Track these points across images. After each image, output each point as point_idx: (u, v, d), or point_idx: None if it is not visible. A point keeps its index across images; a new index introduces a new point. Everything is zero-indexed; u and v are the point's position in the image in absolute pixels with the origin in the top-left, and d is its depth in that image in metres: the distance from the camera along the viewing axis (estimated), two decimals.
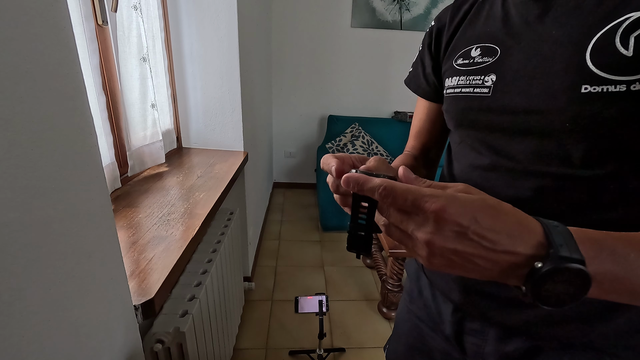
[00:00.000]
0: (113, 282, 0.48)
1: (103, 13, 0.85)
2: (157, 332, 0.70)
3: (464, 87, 0.47)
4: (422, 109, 0.63)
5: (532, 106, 0.39)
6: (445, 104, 0.52)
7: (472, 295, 0.48)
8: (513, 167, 0.42)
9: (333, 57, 2.87)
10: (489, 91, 0.43)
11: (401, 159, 0.60)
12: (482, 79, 0.44)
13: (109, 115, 0.91)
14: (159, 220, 0.81)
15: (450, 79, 0.50)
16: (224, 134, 1.46)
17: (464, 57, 0.48)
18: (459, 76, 0.48)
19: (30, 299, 0.34)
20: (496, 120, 0.43)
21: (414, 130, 0.65)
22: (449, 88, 0.50)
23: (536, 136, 0.39)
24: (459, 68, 0.48)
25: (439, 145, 0.64)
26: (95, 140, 0.42)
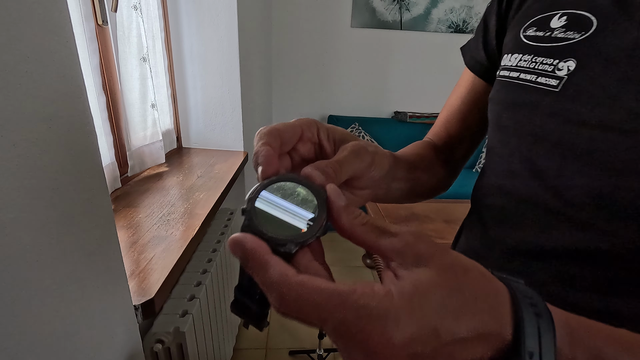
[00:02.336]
0: (113, 282, 0.48)
1: (103, 13, 0.85)
2: (157, 332, 0.70)
3: (524, 72, 0.33)
4: (462, 87, 0.47)
5: (622, 123, 0.26)
6: (493, 89, 0.38)
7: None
8: (559, 208, 0.30)
9: (333, 57, 2.87)
10: (559, 85, 0.30)
11: (414, 148, 0.46)
12: (555, 65, 0.30)
13: (109, 115, 0.91)
14: (159, 220, 0.81)
15: (510, 55, 0.36)
16: (224, 134, 1.46)
17: (539, 27, 0.34)
18: (523, 54, 0.34)
19: (30, 299, 0.34)
20: (556, 131, 0.30)
21: (443, 114, 0.50)
22: (504, 68, 0.36)
23: (612, 173, 0.26)
24: (525, 42, 0.34)
25: (470, 142, 0.48)
26: (95, 140, 0.42)
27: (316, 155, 0.28)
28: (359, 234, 0.20)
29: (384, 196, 0.35)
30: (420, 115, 2.83)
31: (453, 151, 0.49)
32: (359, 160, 0.27)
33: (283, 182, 0.22)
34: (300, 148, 0.27)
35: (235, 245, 0.19)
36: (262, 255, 0.18)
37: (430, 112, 2.92)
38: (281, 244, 0.19)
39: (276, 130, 0.24)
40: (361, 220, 0.20)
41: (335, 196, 0.21)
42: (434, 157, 0.46)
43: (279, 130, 0.24)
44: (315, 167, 0.23)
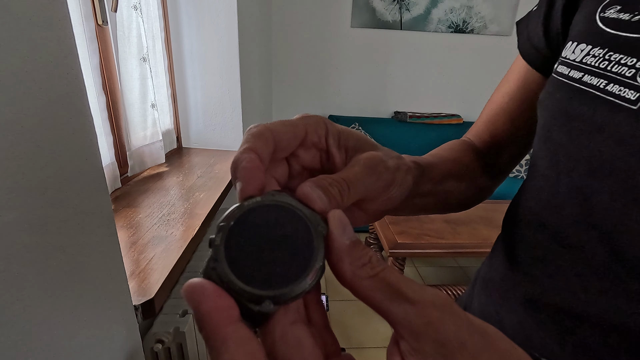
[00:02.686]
0: (113, 282, 0.48)
1: (103, 13, 0.85)
2: (157, 332, 0.70)
3: (590, 72, 0.24)
4: (511, 82, 0.39)
5: None
6: (545, 89, 0.29)
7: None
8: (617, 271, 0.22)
9: (333, 57, 2.87)
10: (639, 100, 0.21)
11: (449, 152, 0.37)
12: (638, 69, 0.21)
13: (109, 115, 0.91)
14: (159, 220, 0.81)
15: (575, 45, 0.26)
16: (224, 134, 1.46)
17: (625, 6, 0.24)
18: (593, 46, 0.24)
19: (29, 299, 0.34)
20: (624, 164, 0.22)
21: (487, 112, 0.41)
22: (564, 63, 0.27)
23: None
24: (601, 27, 0.24)
25: (519, 146, 0.40)
26: (95, 140, 0.42)
27: (322, 164, 0.22)
28: (364, 289, 0.14)
29: (403, 212, 0.30)
30: (420, 115, 2.83)
31: (498, 155, 0.40)
32: (375, 177, 0.20)
33: (269, 204, 0.16)
34: (302, 154, 0.21)
35: (189, 297, 0.13)
36: (219, 325, 0.13)
37: (430, 112, 2.92)
38: (255, 301, 0.14)
39: (269, 131, 0.18)
40: (369, 271, 0.15)
41: (339, 230, 0.16)
42: (473, 162, 0.38)
43: (273, 131, 0.18)
44: (315, 184, 0.17)
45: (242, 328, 0.13)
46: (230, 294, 0.14)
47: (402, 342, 0.14)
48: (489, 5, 2.72)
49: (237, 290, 0.14)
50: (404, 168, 0.24)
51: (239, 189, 0.16)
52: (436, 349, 0.13)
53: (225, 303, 0.13)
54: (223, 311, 0.13)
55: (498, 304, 0.33)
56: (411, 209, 0.30)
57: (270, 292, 0.14)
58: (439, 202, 0.33)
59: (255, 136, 0.18)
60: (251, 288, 0.14)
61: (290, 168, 0.21)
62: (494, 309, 0.33)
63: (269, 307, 0.14)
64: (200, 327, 0.13)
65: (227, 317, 0.13)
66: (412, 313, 0.13)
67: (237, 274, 0.14)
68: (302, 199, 0.17)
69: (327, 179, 0.18)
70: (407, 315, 0.13)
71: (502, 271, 0.33)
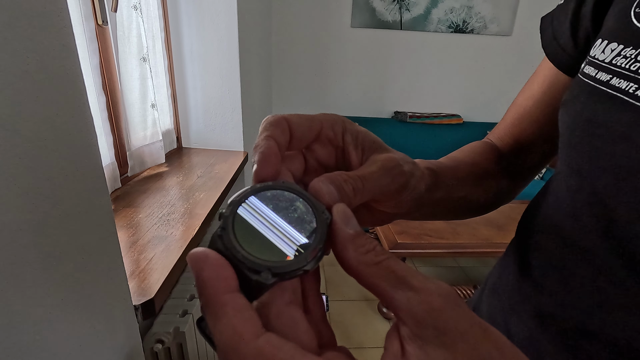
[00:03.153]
0: (113, 282, 0.48)
1: (103, 13, 0.85)
2: (157, 332, 0.70)
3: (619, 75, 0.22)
4: (536, 84, 0.37)
5: None
6: (570, 90, 0.27)
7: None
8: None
9: (333, 57, 2.87)
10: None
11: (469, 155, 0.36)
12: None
13: (109, 115, 0.91)
14: (159, 220, 0.81)
15: (605, 44, 0.24)
16: (224, 134, 1.46)
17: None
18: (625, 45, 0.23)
19: (29, 299, 0.34)
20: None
21: (511, 115, 0.39)
22: (592, 63, 0.25)
23: None
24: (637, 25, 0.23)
25: (544, 150, 0.38)
26: (95, 140, 0.42)
27: (337, 163, 0.22)
28: (368, 276, 0.15)
29: (413, 217, 0.29)
30: (420, 115, 2.83)
31: (521, 159, 0.39)
32: (390, 179, 0.21)
33: (281, 190, 0.17)
34: (318, 149, 0.21)
35: (192, 264, 0.14)
36: (218, 292, 0.13)
37: (430, 112, 2.92)
38: (254, 270, 0.15)
39: (285, 121, 0.19)
40: (374, 258, 0.15)
41: (343, 220, 0.16)
42: (493, 165, 0.36)
43: (289, 121, 0.19)
44: (329, 179, 0.18)
45: (241, 297, 0.14)
46: (232, 262, 0.15)
47: (402, 327, 0.14)
48: (489, 5, 2.72)
49: (239, 257, 0.15)
50: (418, 174, 0.24)
51: (254, 171, 0.17)
52: (437, 335, 0.13)
53: (226, 273, 0.14)
54: (223, 280, 0.14)
55: (507, 312, 0.32)
56: (422, 214, 0.30)
57: (269, 263, 0.15)
58: (452, 208, 0.33)
59: (273, 124, 0.18)
60: (252, 257, 0.15)
61: (306, 163, 0.22)
62: (503, 317, 0.33)
63: (267, 277, 0.14)
64: (200, 293, 0.14)
65: (227, 286, 0.14)
66: (415, 299, 0.14)
67: (240, 243, 0.15)
68: (313, 192, 0.18)
69: (343, 175, 0.19)
70: (409, 302, 0.14)
71: (514, 280, 0.32)
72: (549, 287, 0.27)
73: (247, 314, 0.13)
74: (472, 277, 2.10)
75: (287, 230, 0.16)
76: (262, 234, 0.16)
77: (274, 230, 0.16)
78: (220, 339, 0.13)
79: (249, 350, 0.12)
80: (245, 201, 0.16)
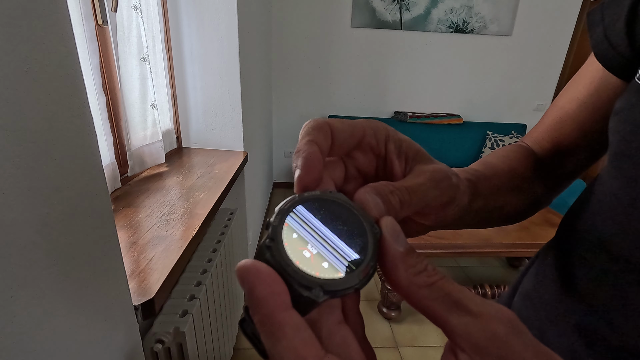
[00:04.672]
0: (113, 282, 0.48)
1: (103, 13, 0.85)
2: (157, 332, 0.70)
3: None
4: (582, 85, 0.34)
5: None
6: (624, 97, 0.26)
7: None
8: None
9: (333, 57, 2.87)
10: None
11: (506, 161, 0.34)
12: None
13: (109, 115, 0.91)
14: (159, 220, 0.81)
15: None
16: (224, 134, 1.46)
17: None
18: None
19: (29, 299, 0.34)
20: None
21: (551, 117, 0.37)
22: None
23: None
24: None
25: (586, 155, 0.36)
26: (95, 140, 0.42)
27: (377, 172, 0.21)
28: (421, 298, 0.14)
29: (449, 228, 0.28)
30: (420, 115, 2.83)
31: (560, 164, 0.37)
32: (439, 192, 0.19)
33: (327, 198, 0.16)
34: (359, 157, 0.20)
35: (243, 279, 0.13)
36: (275, 311, 0.13)
37: (430, 112, 2.92)
38: (306, 286, 0.14)
39: (327, 125, 0.18)
40: (426, 279, 0.14)
41: (393, 237, 0.15)
42: (530, 171, 0.35)
43: (331, 126, 0.18)
44: (374, 190, 0.17)
45: (297, 315, 0.13)
46: (282, 275, 0.14)
47: (461, 354, 0.13)
48: (489, 5, 2.72)
49: (289, 272, 0.14)
50: (463, 187, 0.23)
51: (297, 177, 0.16)
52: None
53: (280, 288, 0.13)
54: (278, 296, 0.13)
55: (545, 323, 0.31)
56: (458, 225, 0.28)
57: (321, 280, 0.14)
58: (487, 218, 0.32)
59: (315, 129, 0.17)
60: (303, 272, 0.14)
61: (345, 170, 0.21)
62: (539, 327, 0.31)
63: (318, 294, 0.14)
64: (254, 311, 0.13)
65: (282, 303, 0.13)
66: (475, 326, 0.13)
67: (290, 256, 0.14)
68: (358, 203, 0.17)
69: (389, 186, 0.18)
70: (468, 328, 0.13)
71: (555, 290, 0.30)
72: (595, 303, 0.26)
73: (307, 335, 0.13)
74: (472, 277, 2.10)
75: (337, 245, 0.15)
76: (313, 249, 0.15)
77: (324, 244, 0.15)
78: (279, 356, 0.12)
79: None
80: (293, 210, 0.16)
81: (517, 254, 1.59)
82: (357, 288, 0.14)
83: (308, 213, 0.16)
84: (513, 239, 1.65)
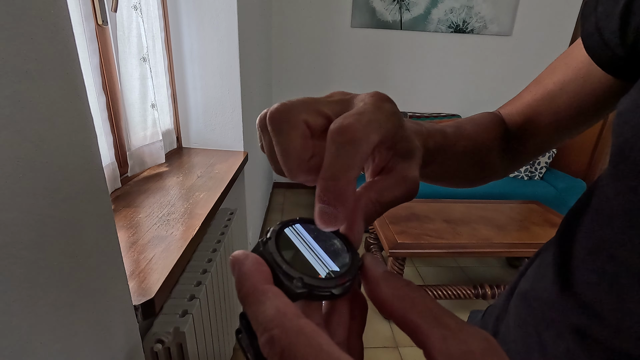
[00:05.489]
0: (113, 282, 0.48)
1: (103, 13, 0.85)
2: (157, 332, 0.70)
3: None
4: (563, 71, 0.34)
5: None
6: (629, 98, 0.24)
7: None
8: None
9: (333, 57, 2.87)
10: None
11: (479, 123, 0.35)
12: None
13: (109, 115, 0.91)
14: (159, 220, 0.81)
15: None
16: (224, 134, 1.46)
17: None
18: None
19: (29, 299, 0.34)
20: None
21: (530, 96, 0.37)
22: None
23: None
24: None
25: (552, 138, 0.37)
26: (95, 140, 0.42)
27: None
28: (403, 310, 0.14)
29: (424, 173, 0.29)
30: (420, 115, 2.83)
31: (524, 142, 0.37)
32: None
33: None
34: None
35: (233, 264, 0.15)
36: (259, 282, 0.14)
37: (430, 112, 2.92)
38: (288, 276, 0.15)
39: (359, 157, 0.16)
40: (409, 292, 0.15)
41: (374, 262, 0.17)
42: (496, 143, 0.35)
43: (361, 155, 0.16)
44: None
45: (278, 289, 0.14)
46: (270, 265, 0.16)
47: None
48: (489, 5, 2.72)
49: (277, 261, 0.16)
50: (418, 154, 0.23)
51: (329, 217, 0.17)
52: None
53: (265, 269, 0.15)
54: (261, 273, 0.15)
55: (541, 325, 0.31)
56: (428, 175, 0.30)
57: (302, 275, 0.16)
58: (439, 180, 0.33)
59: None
60: (288, 265, 0.16)
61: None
62: (535, 329, 0.31)
63: (298, 285, 0.15)
64: (240, 286, 0.14)
65: (266, 279, 0.14)
66: (453, 340, 0.13)
67: (281, 252, 0.16)
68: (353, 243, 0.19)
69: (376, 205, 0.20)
70: (447, 343, 0.13)
71: (552, 293, 0.30)
72: (592, 305, 0.26)
73: (288, 300, 0.14)
74: (472, 277, 2.10)
75: (322, 256, 0.17)
76: (301, 253, 0.17)
77: (312, 254, 0.17)
78: (263, 319, 0.13)
79: (292, 325, 0.13)
80: (292, 225, 0.19)
81: (517, 254, 1.59)
82: (333, 293, 0.16)
83: (304, 231, 0.18)
84: (513, 239, 1.65)
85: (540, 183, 2.61)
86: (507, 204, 2.07)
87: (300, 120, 0.17)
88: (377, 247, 2.02)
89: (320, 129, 0.18)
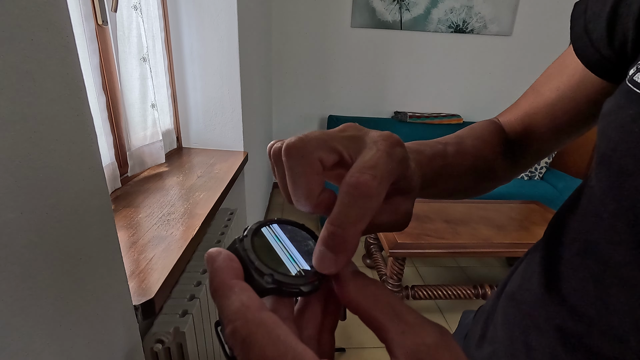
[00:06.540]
0: (113, 282, 0.48)
1: (103, 13, 0.85)
2: (157, 332, 0.70)
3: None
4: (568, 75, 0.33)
5: None
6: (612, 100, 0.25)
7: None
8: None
9: (333, 57, 2.87)
10: None
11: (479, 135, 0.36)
12: None
13: (109, 115, 0.91)
14: (159, 220, 0.81)
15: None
16: (224, 134, 1.46)
17: None
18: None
19: (28, 299, 0.34)
20: None
21: (527, 103, 0.37)
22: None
23: None
24: None
25: (551, 145, 0.37)
26: (95, 140, 0.42)
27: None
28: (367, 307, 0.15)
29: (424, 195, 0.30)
30: (420, 115, 2.83)
31: (524, 149, 0.38)
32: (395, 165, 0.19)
33: (300, 229, 0.20)
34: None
35: (207, 260, 0.16)
36: (228, 277, 0.15)
37: (430, 112, 2.92)
38: (260, 272, 0.16)
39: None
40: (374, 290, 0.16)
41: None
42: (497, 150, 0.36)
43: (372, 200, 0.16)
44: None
45: (245, 284, 0.15)
46: (243, 262, 0.16)
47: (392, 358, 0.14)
48: (489, 5, 2.72)
49: (251, 258, 0.17)
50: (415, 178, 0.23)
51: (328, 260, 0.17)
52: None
53: (236, 265, 0.16)
54: (232, 270, 0.15)
55: (527, 326, 0.31)
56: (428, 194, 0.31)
57: (273, 271, 0.16)
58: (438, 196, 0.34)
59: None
60: (260, 262, 0.17)
61: None
62: (521, 329, 0.32)
63: (268, 281, 0.16)
64: (212, 280, 0.15)
65: (235, 274, 0.15)
66: (410, 333, 0.14)
67: (255, 249, 0.17)
68: None
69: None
70: (403, 335, 0.14)
71: (538, 292, 0.30)
72: (578, 307, 0.26)
73: (253, 295, 0.14)
74: (472, 277, 2.10)
75: (295, 255, 0.18)
76: (275, 251, 0.18)
77: (285, 252, 0.18)
78: (228, 312, 0.14)
79: (254, 318, 0.13)
80: (269, 225, 0.19)
81: (516, 254, 1.59)
82: (302, 290, 0.17)
83: (280, 231, 0.19)
84: (513, 239, 1.65)
85: (540, 183, 2.61)
86: (507, 204, 2.07)
87: (315, 158, 0.18)
88: (377, 247, 2.02)
89: (332, 163, 0.19)
